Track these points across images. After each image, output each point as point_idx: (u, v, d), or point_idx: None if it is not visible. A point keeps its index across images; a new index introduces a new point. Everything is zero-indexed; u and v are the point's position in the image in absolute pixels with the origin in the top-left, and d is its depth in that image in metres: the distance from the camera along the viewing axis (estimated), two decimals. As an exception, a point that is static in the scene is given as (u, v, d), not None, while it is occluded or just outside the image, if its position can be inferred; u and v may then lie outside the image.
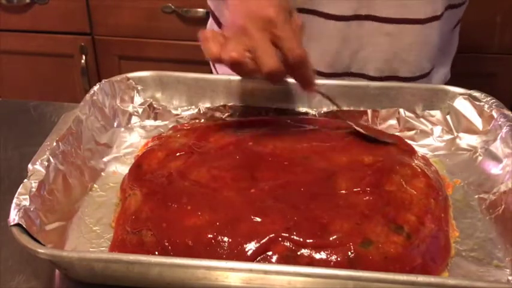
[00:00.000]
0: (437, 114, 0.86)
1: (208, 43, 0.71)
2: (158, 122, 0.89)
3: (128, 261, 0.60)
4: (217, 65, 1.06)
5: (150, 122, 0.89)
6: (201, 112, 0.89)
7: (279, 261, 0.62)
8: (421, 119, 0.86)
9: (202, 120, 0.88)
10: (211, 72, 1.08)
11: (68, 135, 0.76)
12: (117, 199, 0.75)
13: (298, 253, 0.63)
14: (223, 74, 0.95)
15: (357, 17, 0.90)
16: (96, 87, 0.85)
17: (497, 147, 0.77)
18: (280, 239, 0.64)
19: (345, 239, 0.64)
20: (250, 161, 0.74)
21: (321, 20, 0.90)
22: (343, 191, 0.70)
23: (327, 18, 0.90)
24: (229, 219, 0.66)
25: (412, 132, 0.86)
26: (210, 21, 1.08)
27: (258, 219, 0.65)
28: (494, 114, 0.80)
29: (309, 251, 0.63)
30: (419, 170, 0.75)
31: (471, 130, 0.83)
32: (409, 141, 0.83)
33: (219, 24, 1.02)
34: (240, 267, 0.60)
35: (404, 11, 0.89)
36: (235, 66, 0.70)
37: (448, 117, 0.85)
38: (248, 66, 0.69)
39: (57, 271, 0.67)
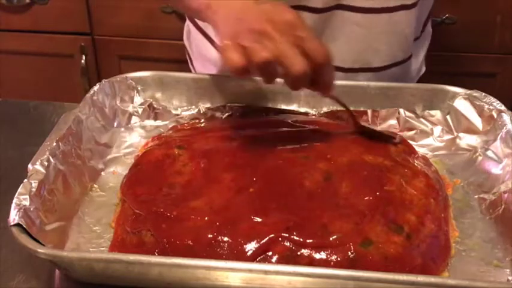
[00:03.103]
0: (437, 114, 0.86)
1: (230, 53, 0.67)
2: (158, 122, 0.89)
3: (127, 261, 0.60)
4: (195, 64, 1.06)
5: (150, 122, 0.89)
6: (201, 112, 0.89)
7: (279, 261, 0.62)
8: (421, 119, 0.86)
9: (202, 120, 0.88)
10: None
11: (68, 135, 0.76)
12: (117, 199, 0.75)
13: (298, 253, 0.63)
14: (223, 74, 0.95)
15: (329, 8, 0.89)
16: (96, 87, 0.85)
17: (497, 147, 0.77)
18: (280, 239, 0.64)
19: (345, 239, 0.64)
20: (250, 161, 0.74)
21: (303, 13, 0.89)
22: (343, 191, 0.70)
23: (309, 12, 0.89)
24: (229, 219, 0.66)
25: (412, 132, 0.86)
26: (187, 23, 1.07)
27: (258, 219, 0.66)
28: (494, 114, 0.80)
29: (309, 251, 0.63)
30: (419, 170, 0.75)
31: (471, 130, 0.83)
32: (409, 141, 0.83)
33: (198, 28, 1.02)
34: (240, 267, 0.60)
35: (373, 0, 0.89)
36: (265, 70, 0.68)
37: (448, 117, 0.85)
38: (278, 69, 0.68)
39: (57, 271, 0.67)
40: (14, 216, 0.62)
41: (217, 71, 0.98)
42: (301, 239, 0.63)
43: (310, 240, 0.63)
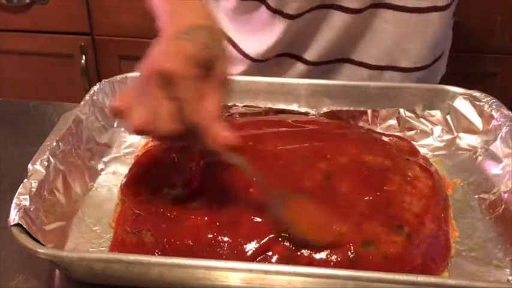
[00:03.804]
0: (437, 114, 0.86)
1: (121, 115, 0.61)
2: (158, 122, 0.89)
3: (127, 261, 0.60)
4: None
5: (150, 122, 0.89)
6: (201, 112, 0.89)
7: (279, 261, 0.62)
8: (421, 119, 0.86)
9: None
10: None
11: (68, 135, 0.76)
12: (117, 199, 0.75)
13: (298, 253, 0.63)
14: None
15: (365, 8, 0.89)
16: (96, 87, 0.85)
17: (497, 147, 0.77)
18: (280, 239, 0.64)
19: (345, 239, 0.64)
20: (250, 161, 0.74)
21: (338, 13, 0.89)
22: (343, 191, 0.69)
23: (344, 12, 0.89)
24: (229, 219, 0.66)
25: (412, 132, 0.86)
26: None
27: (258, 219, 0.65)
28: (494, 114, 0.80)
29: (309, 251, 0.63)
30: (419, 170, 0.75)
31: (471, 130, 0.83)
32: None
33: None
34: (240, 267, 0.60)
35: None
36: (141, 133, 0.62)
37: (448, 117, 0.85)
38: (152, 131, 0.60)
39: (57, 271, 0.67)
40: (14, 216, 0.62)
41: None
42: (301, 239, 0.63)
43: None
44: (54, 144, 0.73)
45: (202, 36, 0.61)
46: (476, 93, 0.84)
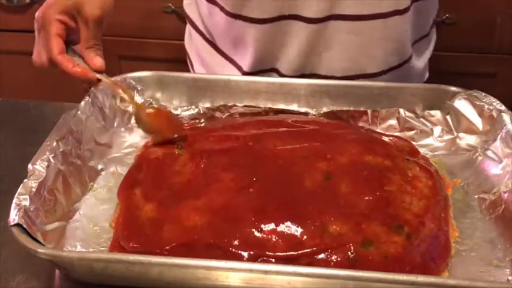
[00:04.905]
0: (437, 114, 0.86)
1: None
2: (158, 122, 0.89)
3: (128, 261, 0.60)
4: (195, 68, 1.06)
5: (150, 122, 0.89)
6: (201, 112, 0.89)
7: (279, 261, 0.62)
8: (421, 119, 0.86)
9: (202, 120, 0.88)
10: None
11: (68, 135, 0.76)
12: (117, 199, 0.75)
13: (299, 253, 0.63)
14: (223, 74, 0.95)
15: (323, 19, 0.88)
16: (96, 88, 0.85)
17: (497, 147, 0.77)
18: (280, 239, 0.64)
19: (345, 239, 0.64)
20: (250, 161, 0.74)
21: (300, 23, 0.89)
22: (343, 191, 0.70)
23: (304, 22, 0.89)
24: (229, 220, 0.66)
25: (412, 132, 0.86)
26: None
27: (258, 219, 0.65)
28: (494, 114, 0.80)
29: (309, 251, 0.63)
30: (419, 170, 0.75)
31: (471, 130, 0.83)
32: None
33: (199, 32, 1.02)
34: (240, 267, 0.60)
35: (366, 7, 0.88)
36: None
37: (448, 117, 0.85)
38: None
39: (57, 271, 0.67)
40: (14, 216, 0.62)
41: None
42: (301, 239, 0.63)
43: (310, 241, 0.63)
44: (54, 144, 0.73)
45: None
46: (476, 93, 0.84)
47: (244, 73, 0.95)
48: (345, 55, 0.92)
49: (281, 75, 0.94)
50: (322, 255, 0.63)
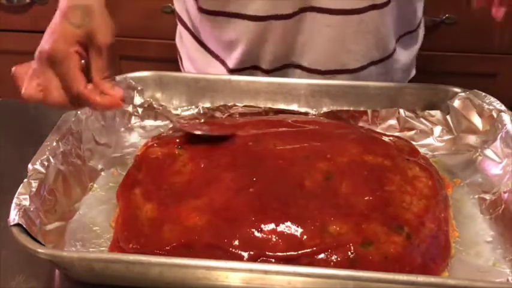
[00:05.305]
0: (437, 114, 0.86)
1: (18, 82, 0.77)
2: (158, 122, 0.89)
3: (128, 261, 0.60)
4: (184, 65, 1.06)
5: (150, 122, 0.89)
6: (201, 112, 0.89)
7: (279, 261, 0.62)
8: (421, 119, 0.86)
9: (202, 120, 0.88)
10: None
11: (68, 135, 0.76)
12: (117, 199, 0.75)
13: (298, 253, 0.63)
14: (223, 74, 0.95)
15: (298, 12, 0.88)
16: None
17: (497, 147, 0.77)
18: (280, 239, 0.64)
19: (345, 239, 0.64)
20: (250, 161, 0.74)
21: (273, 21, 0.89)
22: (343, 191, 0.70)
23: (273, 20, 0.88)
24: (229, 219, 0.66)
25: (412, 132, 0.86)
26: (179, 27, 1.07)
27: (258, 219, 0.65)
28: (494, 114, 0.80)
29: (309, 251, 0.63)
30: (419, 170, 0.75)
31: (471, 130, 0.83)
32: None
33: (187, 28, 1.02)
34: (240, 267, 0.60)
35: (340, 1, 0.88)
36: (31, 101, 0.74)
37: (448, 117, 0.85)
38: (40, 100, 0.72)
39: (57, 271, 0.67)
40: (14, 216, 0.62)
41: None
42: (301, 239, 0.63)
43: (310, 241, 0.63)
44: (54, 144, 0.73)
45: (78, 16, 0.75)
46: (476, 93, 0.84)
47: (230, 70, 0.95)
48: (324, 49, 0.91)
49: (263, 71, 0.94)
50: (322, 255, 0.63)
